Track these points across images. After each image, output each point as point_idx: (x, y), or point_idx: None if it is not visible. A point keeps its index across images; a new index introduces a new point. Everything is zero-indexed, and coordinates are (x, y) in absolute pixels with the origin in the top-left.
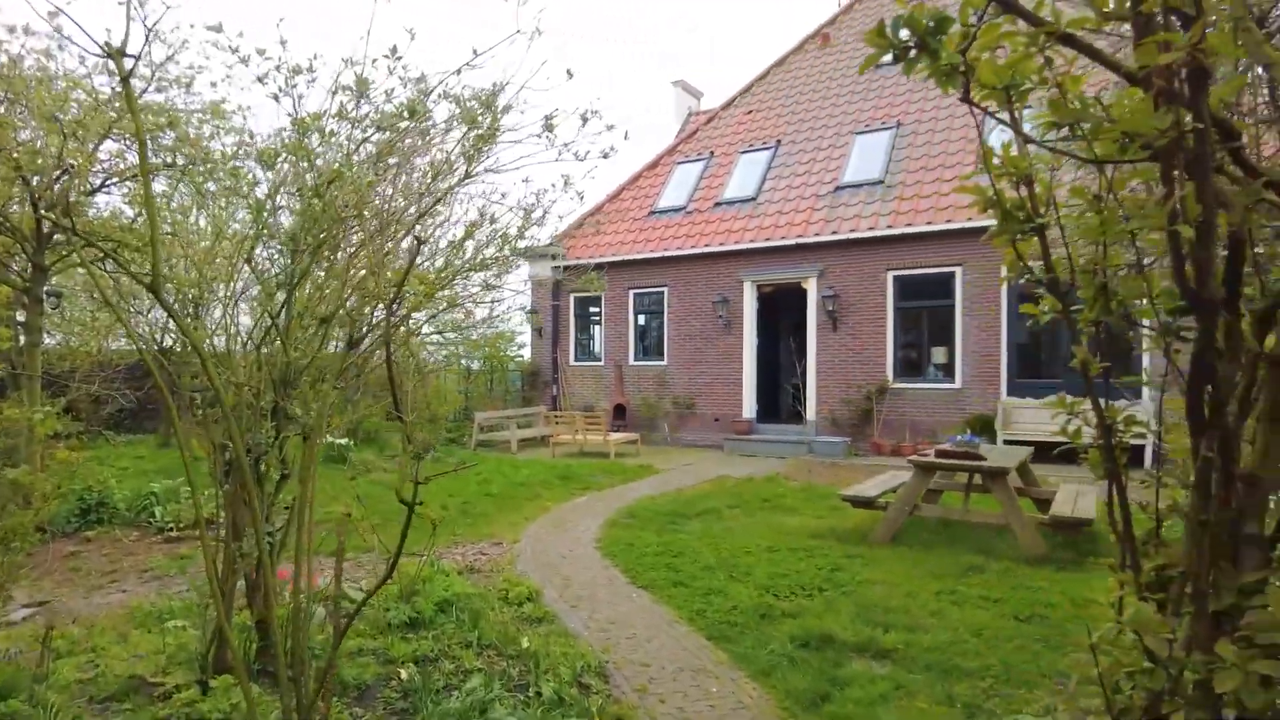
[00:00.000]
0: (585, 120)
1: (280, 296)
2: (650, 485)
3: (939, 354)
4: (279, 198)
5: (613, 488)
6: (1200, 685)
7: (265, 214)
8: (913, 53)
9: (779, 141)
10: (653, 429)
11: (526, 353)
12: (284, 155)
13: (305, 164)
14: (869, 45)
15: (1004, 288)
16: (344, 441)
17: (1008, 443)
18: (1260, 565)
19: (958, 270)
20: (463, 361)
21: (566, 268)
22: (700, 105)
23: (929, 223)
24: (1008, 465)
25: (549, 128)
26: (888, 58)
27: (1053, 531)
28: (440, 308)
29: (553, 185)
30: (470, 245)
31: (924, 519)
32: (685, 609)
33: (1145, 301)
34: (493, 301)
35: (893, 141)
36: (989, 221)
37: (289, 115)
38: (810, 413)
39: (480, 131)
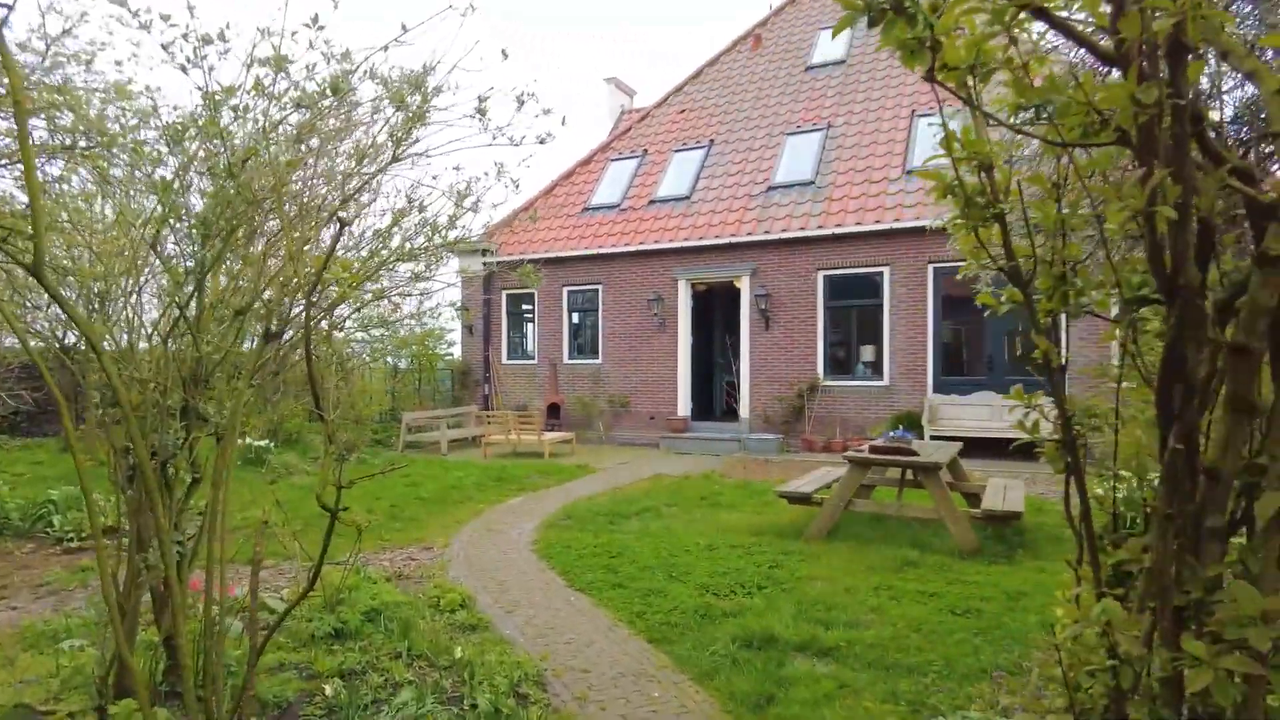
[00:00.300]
0: (521, 103)
1: (190, 286)
2: (587, 485)
3: (867, 352)
4: (188, 176)
5: (548, 488)
6: (1166, 683)
7: (172, 195)
8: (888, 15)
9: (712, 141)
10: (588, 428)
11: (457, 351)
12: (192, 131)
13: (218, 142)
14: (844, 7)
15: (930, 288)
16: (264, 443)
17: (935, 438)
18: (1219, 559)
19: (886, 270)
20: (389, 360)
21: (499, 263)
22: (633, 104)
23: (858, 223)
24: (940, 461)
25: (481, 111)
26: (822, 57)
27: (984, 525)
28: (365, 300)
29: (485, 174)
30: (397, 235)
31: (858, 514)
32: (625, 611)
33: (1103, 292)
34: (421, 295)
35: (823, 143)
36: (916, 222)
37: (199, 89)
38: (744, 410)
39: (409, 114)
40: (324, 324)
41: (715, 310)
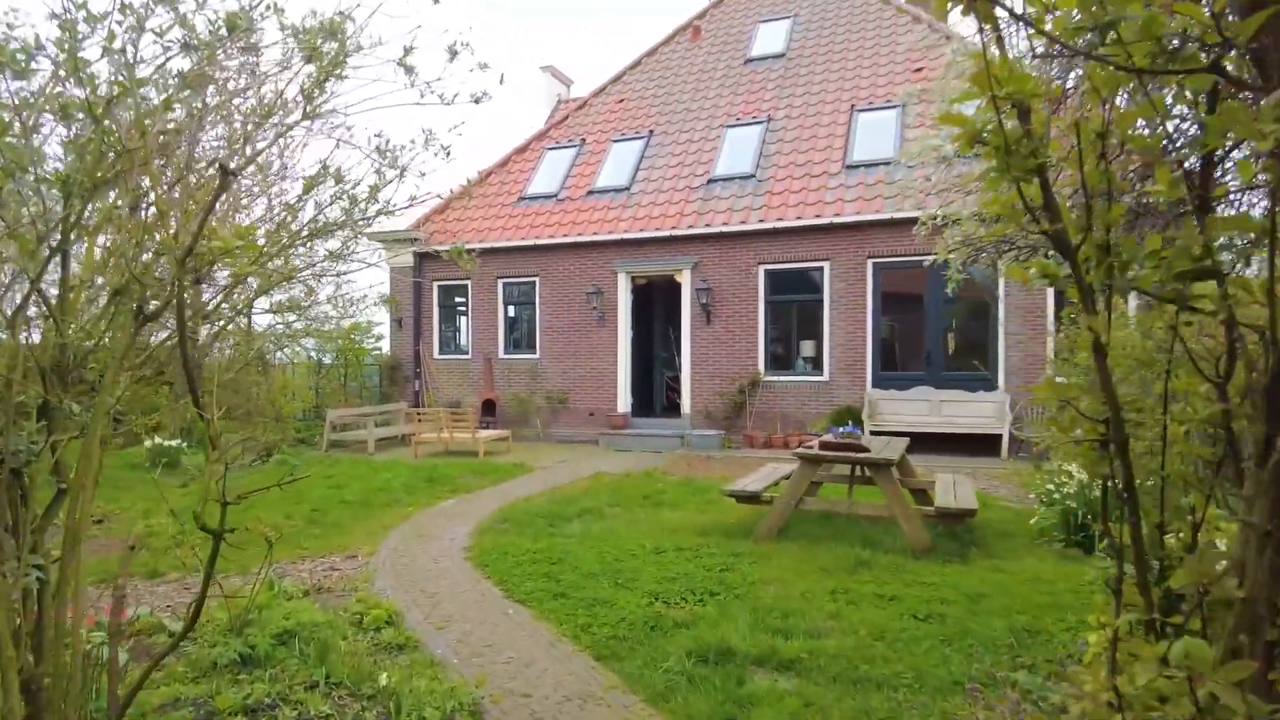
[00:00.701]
0: (454, 54)
1: (44, 254)
2: (524, 485)
3: (808, 348)
4: (37, 117)
5: (483, 489)
6: None
7: (12, 139)
8: None
9: (651, 132)
10: (525, 425)
11: (385, 345)
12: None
13: (80, 77)
14: None
15: (869, 283)
16: (175, 444)
17: (875, 434)
18: None
19: (826, 265)
20: (313, 354)
21: (429, 254)
22: (570, 93)
23: (799, 218)
24: (892, 458)
25: (406, 67)
26: (762, 50)
27: (935, 523)
28: (274, 281)
29: (413, 141)
30: (310, 207)
31: (808, 512)
32: (568, 624)
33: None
34: (339, 276)
35: (763, 136)
36: (856, 217)
37: (54, 17)
38: (686, 406)
39: (322, 64)
40: (223, 305)
41: (656, 304)
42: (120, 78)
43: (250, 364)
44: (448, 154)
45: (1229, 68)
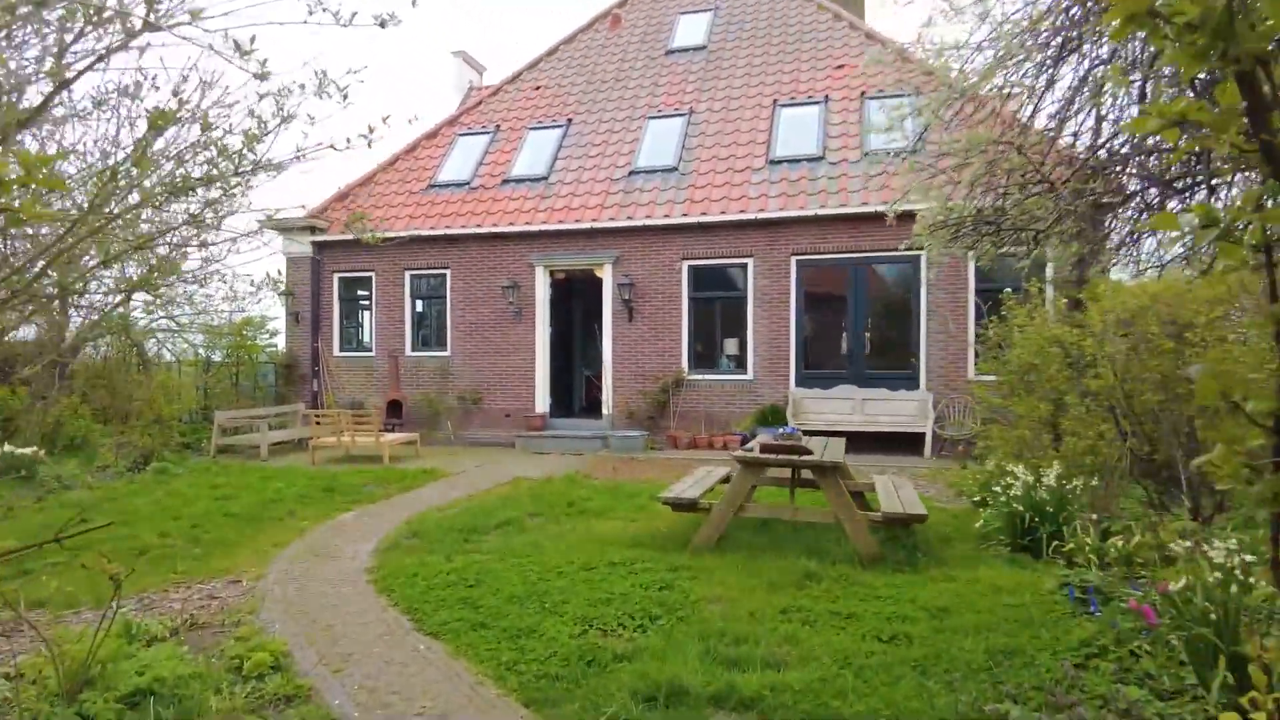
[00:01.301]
0: None
1: None
2: (435, 493)
3: (731, 345)
4: None
5: (389, 499)
6: None
7: None
8: None
9: (570, 120)
10: (435, 427)
11: (281, 341)
12: None
13: None
14: None
15: (793, 280)
16: (29, 451)
17: (807, 433)
18: None
19: (749, 262)
20: (201, 352)
21: (329, 244)
22: (484, 81)
23: (722, 213)
24: (838, 460)
25: None
26: (683, 42)
27: (878, 527)
28: (114, 247)
29: (302, 86)
30: (166, 160)
31: (746, 519)
32: (491, 662)
33: None
34: (204, 247)
35: (685, 128)
36: (780, 214)
37: None
38: (608, 406)
39: None
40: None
41: (576, 300)
42: None
43: (128, 360)
44: (345, 98)
45: None
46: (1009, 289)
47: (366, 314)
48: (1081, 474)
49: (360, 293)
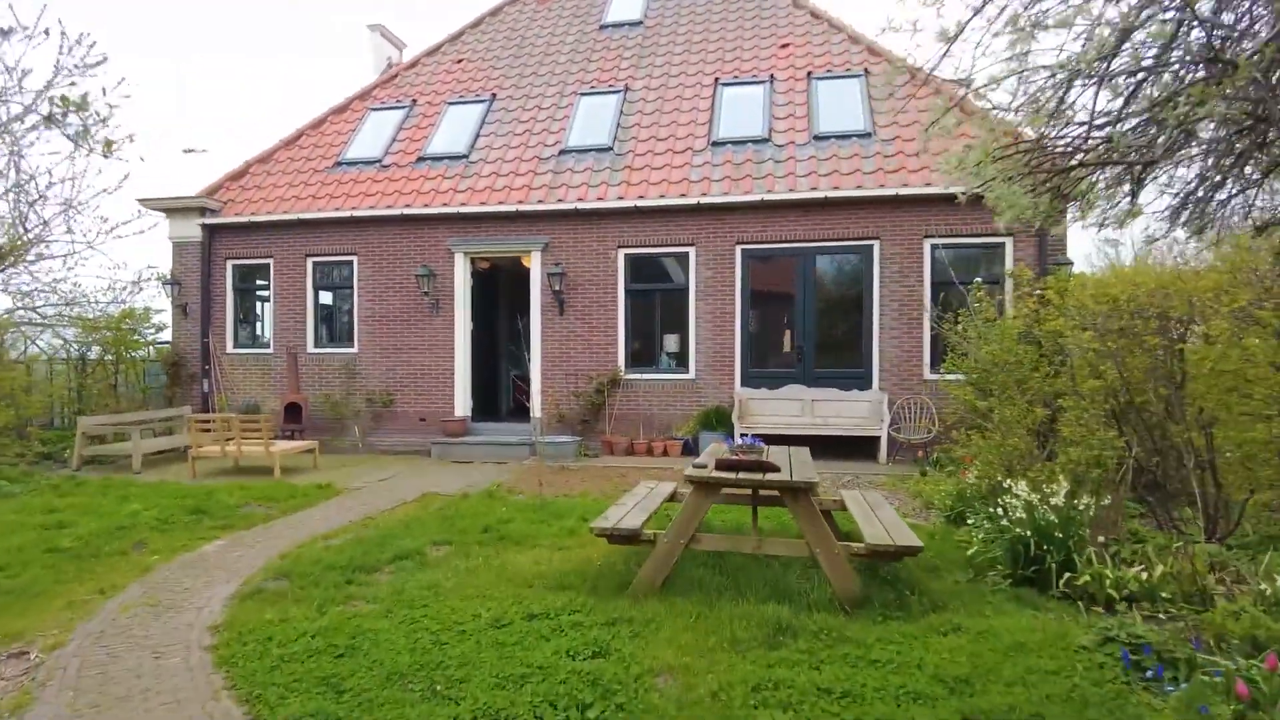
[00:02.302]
0: None
1: None
2: (326, 516)
3: (671, 342)
4: None
5: (269, 523)
6: None
7: None
8: None
9: (494, 95)
10: (340, 433)
11: (168, 337)
12: None
13: None
14: None
15: (738, 272)
16: None
17: (745, 437)
18: None
19: (691, 251)
20: (74, 348)
21: (221, 227)
22: (403, 57)
23: (661, 196)
24: (813, 479)
25: None
26: (617, 16)
27: (861, 559)
28: None
29: None
30: None
31: (696, 551)
32: None
33: None
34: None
35: (621, 106)
36: (724, 198)
37: None
38: (536, 408)
39: None
40: None
41: (500, 292)
42: None
43: None
44: None
45: None
46: (977, 280)
47: (264, 305)
48: (1084, 490)
49: (258, 282)
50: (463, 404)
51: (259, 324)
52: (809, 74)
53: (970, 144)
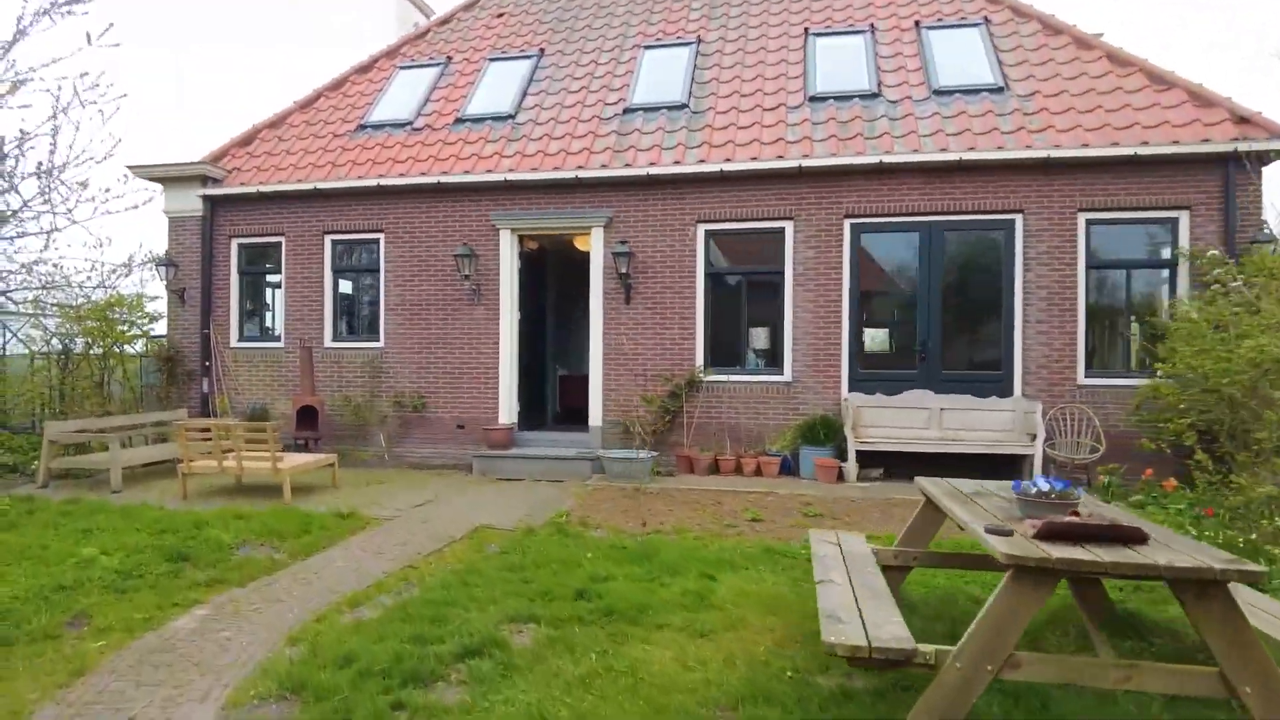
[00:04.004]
0: None
1: None
2: (352, 562)
3: (760, 337)
4: None
5: (273, 575)
6: None
7: None
8: None
9: (542, 50)
10: (362, 442)
11: (164, 327)
12: None
13: None
14: None
15: (846, 251)
16: None
17: (864, 455)
18: None
19: (788, 226)
20: (55, 341)
21: (226, 199)
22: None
23: (754, 158)
24: (1213, 563)
25: None
26: None
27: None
28: None
29: None
30: None
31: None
32: None
33: None
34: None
35: (694, 59)
36: (832, 160)
37: None
38: (597, 416)
39: None
40: None
41: (552, 275)
42: None
43: None
44: None
45: None
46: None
47: (274, 292)
48: None
49: (267, 265)
50: (508, 409)
51: (268, 313)
52: (916, 23)
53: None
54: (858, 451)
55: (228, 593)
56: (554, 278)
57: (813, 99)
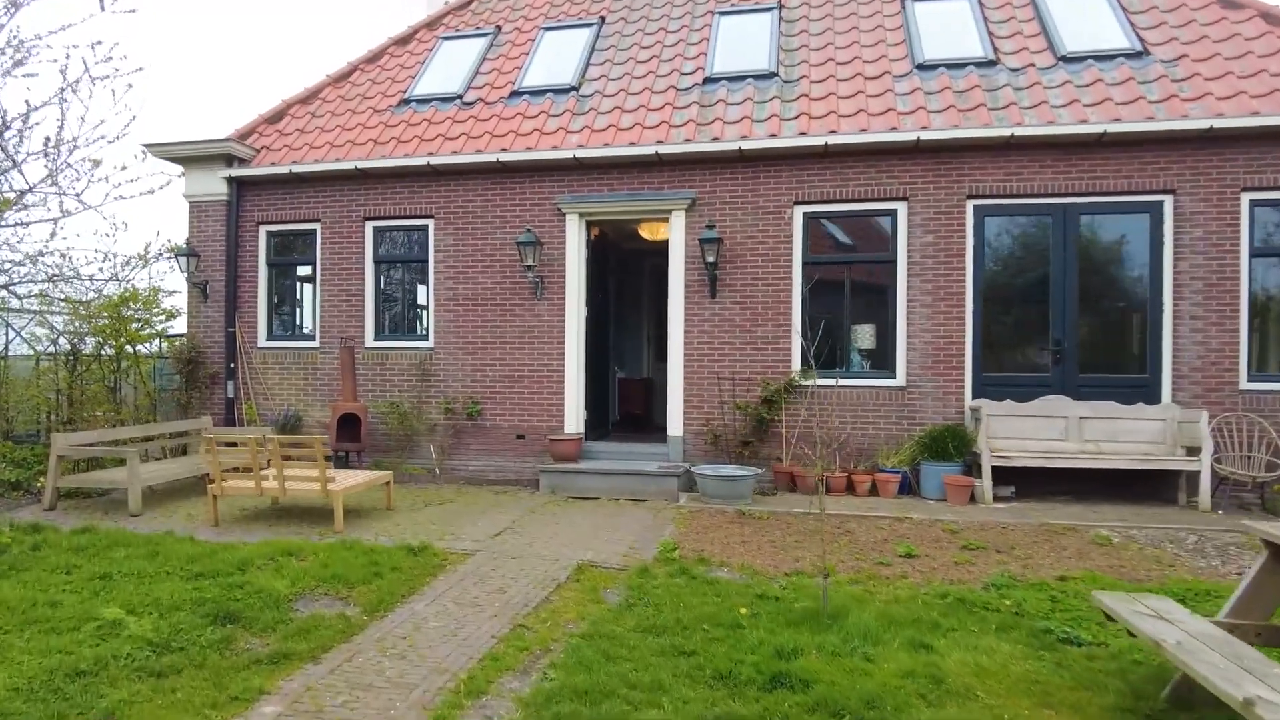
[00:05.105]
0: None
1: None
2: (448, 622)
3: (864, 335)
4: None
5: (350, 641)
6: None
7: None
8: None
9: (603, 18)
10: (408, 453)
11: (183, 325)
12: None
13: None
14: None
15: (970, 235)
16: None
17: (1000, 469)
18: None
19: (900, 208)
20: (62, 340)
21: (253, 181)
22: None
23: (862, 130)
24: None
25: None
26: None
27: None
28: None
29: None
30: None
31: None
32: None
33: None
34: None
35: (777, 24)
36: (953, 133)
37: None
38: (676, 424)
39: None
40: None
41: (620, 265)
42: None
43: None
44: None
45: None
46: None
47: (308, 287)
48: None
49: (299, 255)
50: (575, 417)
51: (300, 310)
52: None
53: None
54: (995, 467)
55: (299, 673)
56: (636, 263)
57: (921, 67)
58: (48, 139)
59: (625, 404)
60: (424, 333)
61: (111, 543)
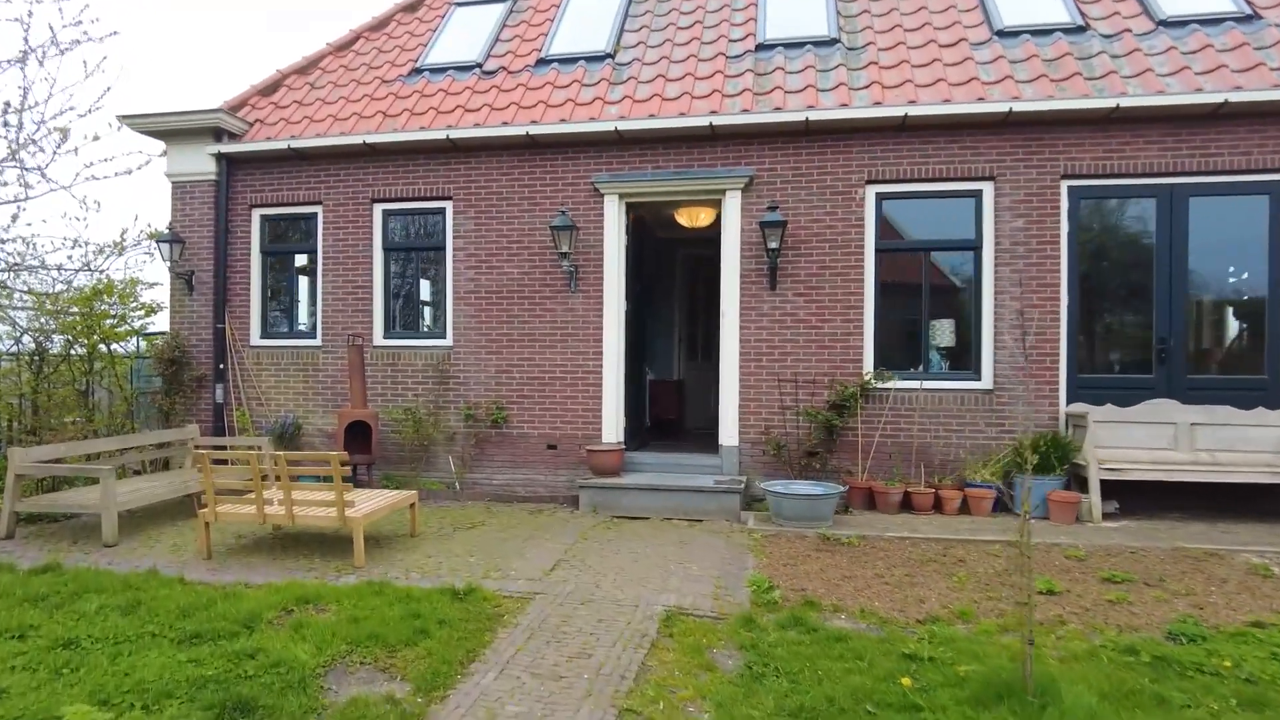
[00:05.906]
0: None
1: None
2: (527, 705)
3: (943, 332)
4: None
5: None
6: None
7: None
8: None
9: None
10: (423, 465)
11: (164, 321)
12: None
13: None
14: None
15: (1064, 220)
16: None
17: (1109, 483)
18: None
19: (986, 189)
20: (26, 339)
21: (245, 158)
22: None
23: (945, 100)
24: None
25: None
26: None
27: None
28: None
29: None
30: None
31: None
32: None
33: None
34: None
35: None
36: (1047, 104)
37: None
38: (731, 433)
39: None
40: None
41: (664, 253)
42: None
43: None
44: None
45: None
46: None
47: (308, 279)
48: None
49: (297, 240)
50: (614, 425)
51: (299, 304)
52: None
53: None
54: (1103, 480)
55: None
56: (681, 251)
57: (1001, 34)
58: (7, 104)
59: (655, 408)
60: (441, 330)
61: (80, 587)
